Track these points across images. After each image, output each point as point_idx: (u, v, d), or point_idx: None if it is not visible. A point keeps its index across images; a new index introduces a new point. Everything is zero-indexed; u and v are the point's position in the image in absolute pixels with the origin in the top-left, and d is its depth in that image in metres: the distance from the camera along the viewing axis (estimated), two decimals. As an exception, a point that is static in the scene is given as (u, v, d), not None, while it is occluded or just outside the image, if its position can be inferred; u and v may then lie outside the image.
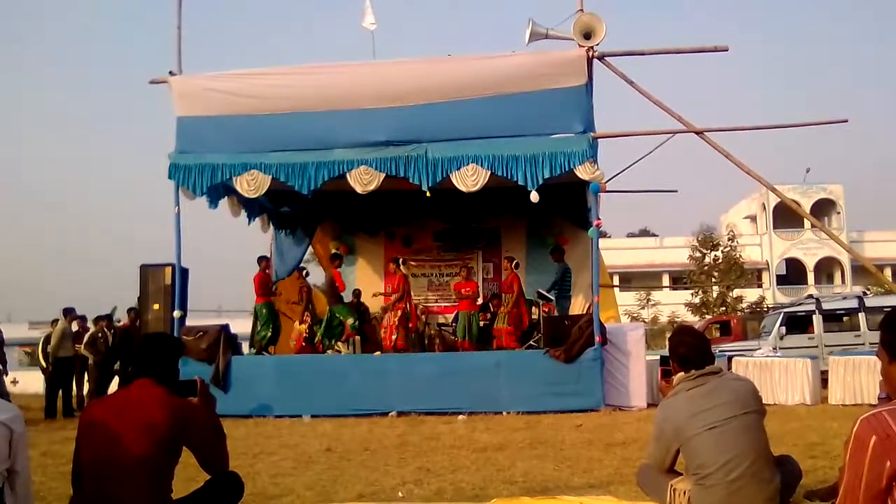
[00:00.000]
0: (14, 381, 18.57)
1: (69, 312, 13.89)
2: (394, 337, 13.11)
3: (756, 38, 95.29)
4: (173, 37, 12.88)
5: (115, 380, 14.26)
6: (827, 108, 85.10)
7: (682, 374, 3.91)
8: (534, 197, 11.70)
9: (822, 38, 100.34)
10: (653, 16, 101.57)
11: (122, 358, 13.96)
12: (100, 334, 13.87)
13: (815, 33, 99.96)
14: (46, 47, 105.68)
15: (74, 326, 14.36)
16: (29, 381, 19.69)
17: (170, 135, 12.74)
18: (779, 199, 18.18)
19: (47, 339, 13.89)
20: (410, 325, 13.92)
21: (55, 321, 14.09)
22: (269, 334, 13.52)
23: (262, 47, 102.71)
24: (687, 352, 3.92)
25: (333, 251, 15.41)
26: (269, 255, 15.43)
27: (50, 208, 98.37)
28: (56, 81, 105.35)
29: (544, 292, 13.64)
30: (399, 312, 13.29)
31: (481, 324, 14.16)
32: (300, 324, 14.48)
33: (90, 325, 14.25)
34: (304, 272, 15.07)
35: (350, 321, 13.52)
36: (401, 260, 14.13)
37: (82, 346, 13.77)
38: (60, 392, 13.56)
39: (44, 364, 14.03)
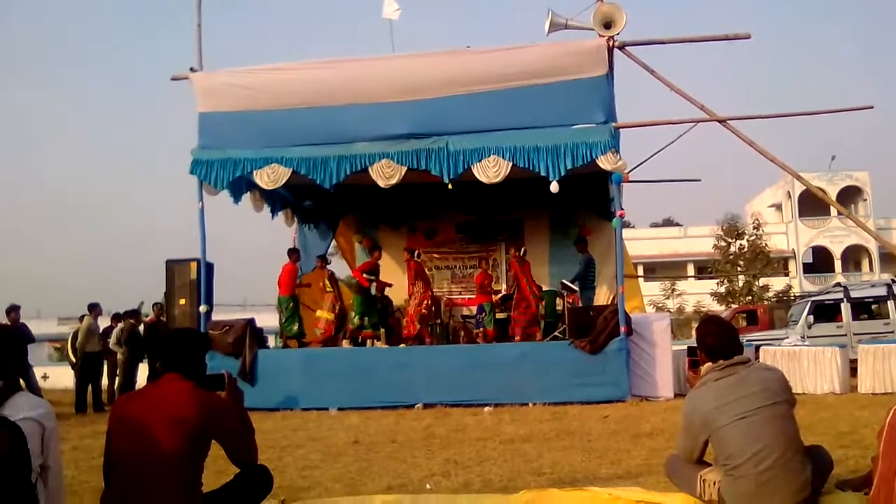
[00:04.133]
0: (45, 377, 18.82)
1: (94, 308, 14.03)
2: (416, 326, 13.15)
3: (779, 23, 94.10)
4: (194, 34, 12.97)
5: (141, 372, 14.42)
6: (852, 94, 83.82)
7: (709, 364, 3.87)
8: (554, 187, 11.65)
9: (846, 23, 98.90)
10: (672, 3, 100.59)
11: (149, 352, 14.12)
12: (129, 330, 14.03)
13: (838, 18, 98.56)
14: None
15: (104, 322, 14.50)
16: (59, 376, 19.93)
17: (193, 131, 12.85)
18: (804, 187, 17.96)
19: (76, 335, 14.06)
20: (430, 316, 13.89)
21: (82, 317, 14.25)
22: (297, 327, 13.57)
23: (283, 43, 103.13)
24: (715, 342, 3.88)
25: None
26: (298, 248, 15.43)
27: (76, 205, 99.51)
28: (74, 78, 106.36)
29: (569, 283, 13.59)
30: (423, 302, 13.33)
31: (502, 315, 14.12)
32: (329, 312, 14.44)
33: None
34: (326, 261, 15.02)
35: (354, 316, 13.55)
36: (416, 252, 14.16)
37: (111, 342, 13.94)
38: (90, 386, 13.72)
39: (73, 359, 14.22)
